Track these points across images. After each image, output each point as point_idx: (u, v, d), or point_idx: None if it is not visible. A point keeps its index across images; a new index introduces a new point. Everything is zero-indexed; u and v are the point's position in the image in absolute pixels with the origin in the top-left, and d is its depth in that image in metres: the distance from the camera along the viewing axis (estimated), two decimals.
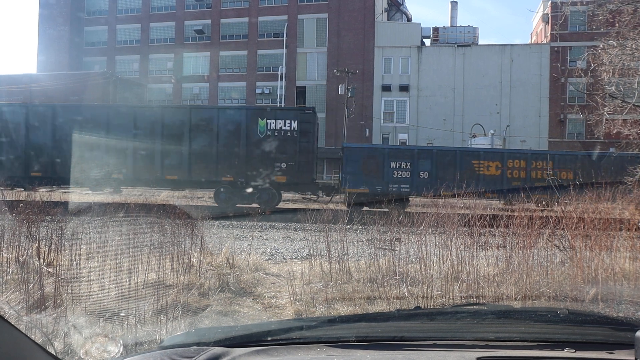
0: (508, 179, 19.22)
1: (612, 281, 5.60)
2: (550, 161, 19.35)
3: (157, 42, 47.77)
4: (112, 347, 1.83)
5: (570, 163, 19.37)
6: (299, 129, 19.20)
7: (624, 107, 13.39)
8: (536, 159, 19.51)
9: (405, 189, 19.23)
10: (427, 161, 19.46)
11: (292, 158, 19.16)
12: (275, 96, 43.91)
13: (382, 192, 19.08)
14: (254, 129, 19.31)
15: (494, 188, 18.92)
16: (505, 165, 19.33)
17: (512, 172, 19.29)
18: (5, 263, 6.07)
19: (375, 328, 1.89)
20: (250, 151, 19.26)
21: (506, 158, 19.59)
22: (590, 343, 1.71)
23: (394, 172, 19.41)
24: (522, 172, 19.25)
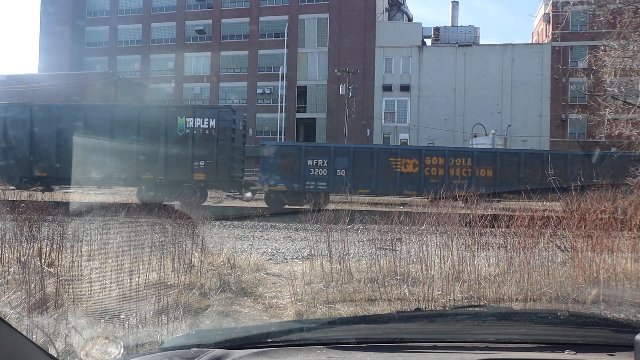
0: (426, 177, 19.17)
1: (614, 282, 5.59)
2: (469, 158, 19.28)
3: (158, 42, 47.81)
4: (113, 349, 1.83)
5: (490, 160, 19.31)
6: (217, 127, 19.43)
7: (626, 108, 13.37)
8: (454, 157, 19.42)
9: (322, 187, 19.31)
10: (344, 159, 19.50)
11: (211, 156, 19.37)
12: (276, 96, 43.92)
13: (299, 190, 19.23)
14: (173, 127, 19.57)
15: (411, 185, 18.97)
16: (423, 162, 19.28)
17: (429, 170, 19.27)
18: (7, 263, 6.08)
19: (375, 330, 1.89)
20: (169, 149, 19.49)
21: (424, 155, 19.49)
22: (590, 345, 1.71)
23: (310, 169, 19.44)
24: (440, 169, 19.21)
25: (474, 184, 18.52)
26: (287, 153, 19.90)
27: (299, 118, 44.03)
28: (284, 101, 43.36)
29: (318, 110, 43.65)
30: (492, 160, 19.29)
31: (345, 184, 18.56)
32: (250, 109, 44.83)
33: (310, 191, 19.05)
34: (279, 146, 21.25)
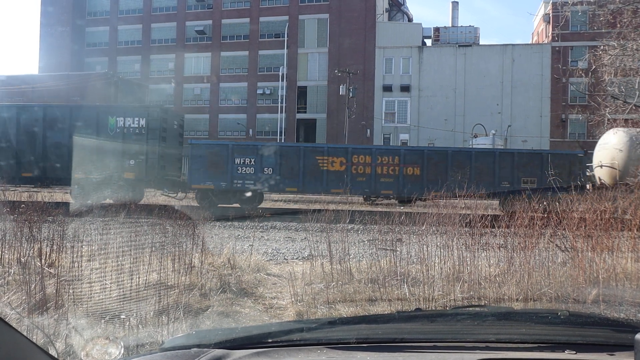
0: (353, 175, 19.19)
1: (614, 282, 5.59)
2: (397, 157, 19.30)
3: (159, 43, 47.83)
4: (113, 349, 1.83)
5: (417, 159, 19.36)
6: (147, 127, 19.60)
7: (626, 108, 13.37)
8: (382, 155, 19.44)
9: (250, 185, 19.35)
10: (271, 157, 19.57)
11: (141, 155, 19.51)
12: (276, 97, 43.93)
13: (227, 188, 19.26)
14: (104, 126, 19.79)
15: (338, 184, 18.98)
16: (350, 161, 19.29)
17: (356, 168, 19.26)
18: (7, 264, 6.09)
19: (375, 330, 1.89)
20: (101, 148, 19.65)
21: (351, 154, 19.51)
22: (590, 345, 1.71)
23: (238, 168, 19.46)
24: (368, 168, 19.21)
25: (401, 183, 18.89)
26: (215, 152, 19.98)
27: (299, 118, 44.04)
28: (284, 102, 43.36)
29: (318, 110, 43.66)
30: (419, 158, 19.34)
31: (273, 183, 18.76)
32: (251, 110, 44.85)
33: (238, 190, 19.21)
34: (207, 145, 21.27)
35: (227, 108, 45.55)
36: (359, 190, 19.37)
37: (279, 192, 20.26)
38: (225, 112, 45.63)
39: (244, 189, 19.26)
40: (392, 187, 19.12)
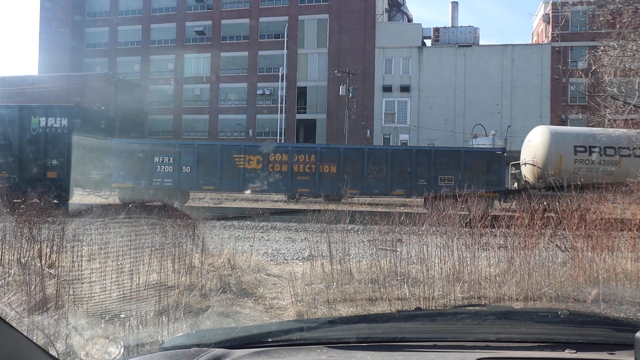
0: (269, 173, 19.37)
1: (614, 282, 5.60)
2: (313, 155, 19.48)
3: (158, 44, 47.83)
4: (113, 349, 1.84)
5: (334, 157, 19.49)
6: (69, 126, 19.81)
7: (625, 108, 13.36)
8: (298, 153, 19.64)
9: (169, 183, 19.56)
10: (190, 156, 19.77)
11: (63, 154, 19.70)
12: (276, 97, 43.93)
13: (146, 187, 19.44)
14: (27, 126, 19.98)
15: (255, 181, 19.22)
16: (267, 159, 19.48)
17: (273, 166, 19.45)
18: (7, 264, 6.09)
19: (375, 329, 1.89)
20: (23, 148, 19.92)
21: (269, 152, 19.72)
22: (590, 344, 1.71)
23: (157, 167, 19.70)
24: (284, 165, 19.42)
25: (317, 181, 19.07)
26: (135, 150, 20.28)
27: (299, 119, 44.05)
28: (284, 102, 43.36)
29: (318, 111, 43.66)
30: (336, 157, 19.48)
31: (191, 181, 18.88)
32: (251, 110, 44.85)
33: (157, 188, 19.41)
34: (127, 144, 21.45)
35: (226, 108, 45.56)
36: (276, 188, 19.68)
37: (197, 190, 20.52)
38: (225, 112, 45.64)
39: (163, 187, 19.49)
40: (308, 185, 19.37)
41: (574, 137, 19.03)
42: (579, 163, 18.42)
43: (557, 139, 18.78)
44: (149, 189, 19.34)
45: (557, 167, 18.40)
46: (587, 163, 18.42)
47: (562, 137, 18.94)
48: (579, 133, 20.00)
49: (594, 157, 18.35)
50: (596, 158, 18.35)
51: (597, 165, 18.37)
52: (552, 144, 18.68)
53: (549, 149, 18.63)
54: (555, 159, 18.50)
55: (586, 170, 18.34)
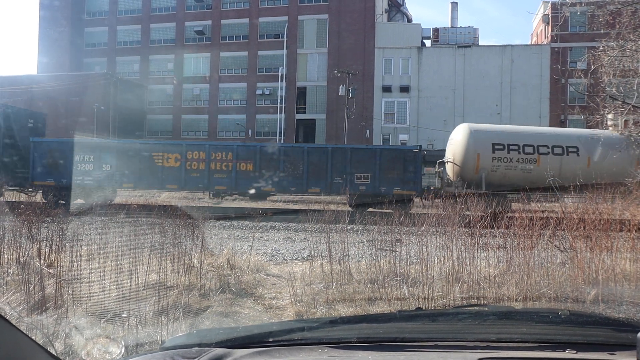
0: (187, 171, 19.57)
1: (613, 282, 5.60)
2: (230, 153, 19.66)
3: (158, 43, 47.80)
4: (113, 348, 1.83)
5: (250, 155, 19.68)
6: (3, 126, 20.19)
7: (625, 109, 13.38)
8: (215, 151, 19.82)
9: (89, 181, 19.75)
10: (109, 154, 20.01)
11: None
12: (275, 97, 43.92)
13: (67, 185, 19.52)
14: None
15: (173, 179, 19.45)
16: (184, 157, 19.66)
17: (191, 164, 19.63)
18: (6, 264, 6.08)
19: (376, 329, 1.89)
20: None
21: (185, 150, 19.91)
22: (591, 344, 1.71)
23: (78, 165, 19.85)
24: (202, 163, 19.59)
25: (234, 178, 19.28)
26: (56, 149, 20.33)
27: (299, 119, 44.04)
28: (283, 102, 43.35)
29: (318, 111, 43.66)
30: (252, 155, 19.68)
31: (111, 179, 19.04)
32: (250, 110, 44.84)
33: (77, 186, 19.52)
34: (48, 142, 21.46)
35: (226, 108, 45.55)
36: (194, 185, 19.91)
37: (117, 187, 20.70)
38: (224, 112, 45.62)
39: (84, 185, 19.64)
40: (225, 183, 19.59)
41: (493, 135, 18.97)
42: (496, 161, 18.32)
43: (476, 137, 18.67)
44: (70, 187, 19.47)
45: (474, 165, 18.36)
46: (506, 161, 18.32)
47: (480, 134, 18.83)
48: (498, 131, 19.99)
49: (512, 155, 18.30)
50: (514, 156, 18.31)
51: (515, 164, 18.30)
52: (470, 141, 18.58)
53: (467, 147, 18.56)
54: (472, 156, 18.43)
55: (504, 168, 18.32)
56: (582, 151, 18.48)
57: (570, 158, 18.42)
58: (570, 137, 19.13)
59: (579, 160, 18.35)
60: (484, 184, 18.20)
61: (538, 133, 19.90)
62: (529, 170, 18.32)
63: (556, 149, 18.49)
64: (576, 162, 18.27)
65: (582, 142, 18.67)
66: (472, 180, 18.60)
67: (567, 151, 18.46)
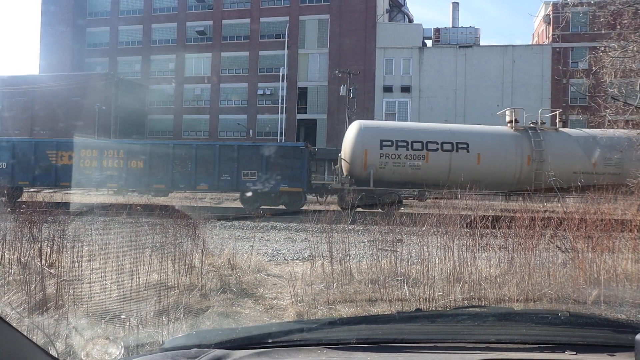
0: (80, 168, 19.72)
1: (614, 283, 5.59)
2: (122, 150, 19.89)
3: (159, 44, 47.85)
4: (114, 349, 1.83)
5: (141, 153, 19.84)
6: None
7: (626, 109, 13.37)
8: (108, 149, 20.08)
9: None
10: (5, 152, 20.19)
11: None
12: (276, 97, 43.95)
13: None
14: None
15: (67, 177, 19.54)
16: (79, 155, 19.87)
17: (84, 162, 19.83)
18: (7, 264, 6.09)
19: (376, 330, 1.89)
20: None
21: (79, 148, 20.10)
22: (591, 345, 1.71)
23: None
24: (94, 161, 19.82)
25: (124, 176, 19.53)
26: None
27: (300, 119, 44.05)
28: (284, 102, 43.37)
29: (319, 111, 43.67)
30: (143, 152, 19.87)
31: (5, 177, 19.34)
32: (251, 110, 44.86)
33: None
34: None
35: (227, 108, 45.58)
36: (87, 183, 20.06)
37: (13, 185, 20.91)
38: (225, 112, 45.65)
39: None
40: (117, 180, 19.79)
41: (381, 132, 18.86)
42: (384, 157, 18.19)
43: (364, 133, 18.59)
44: None
45: (362, 162, 18.28)
46: (394, 157, 18.18)
47: (369, 131, 18.74)
48: (387, 127, 19.93)
49: (401, 152, 18.18)
50: (402, 152, 18.19)
51: (404, 160, 18.16)
52: (359, 138, 18.51)
53: (355, 144, 18.48)
54: (360, 153, 18.33)
55: (393, 165, 18.20)
56: (473, 148, 18.33)
57: (460, 154, 18.28)
58: (461, 133, 19.00)
59: (469, 157, 18.24)
60: (372, 180, 18.13)
61: (427, 129, 19.74)
62: (417, 167, 18.21)
63: (446, 145, 18.34)
64: (466, 159, 18.20)
65: (472, 138, 18.60)
66: (361, 177, 18.53)
67: (456, 147, 18.32)
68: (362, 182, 18.45)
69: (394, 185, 18.41)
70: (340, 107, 39.58)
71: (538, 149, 18.30)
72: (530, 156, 18.26)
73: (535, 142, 18.41)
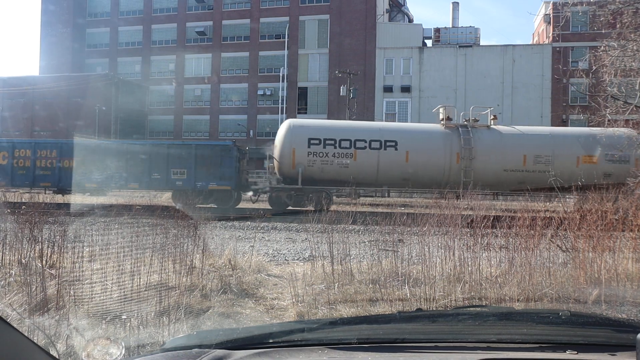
0: (14, 168, 20.09)
1: (615, 282, 5.59)
2: (54, 150, 20.11)
3: (159, 44, 47.87)
4: (114, 350, 1.83)
5: (73, 152, 20.03)
6: None
7: (626, 109, 13.36)
8: (42, 149, 20.29)
9: None
10: None
11: None
12: (277, 97, 43.96)
13: None
14: None
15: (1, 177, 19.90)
16: (12, 155, 20.16)
17: (18, 162, 20.15)
18: (8, 265, 6.09)
19: (376, 330, 1.89)
20: None
21: (13, 148, 20.36)
22: (592, 345, 1.71)
23: None
24: (28, 161, 20.10)
25: (57, 175, 19.86)
26: None
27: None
28: (284, 102, 43.38)
29: (319, 111, 43.67)
30: (76, 152, 20.10)
31: None
32: (251, 110, 44.87)
33: None
34: None
35: (227, 109, 45.59)
36: (21, 182, 20.36)
37: None
38: (225, 113, 45.67)
39: None
40: (50, 180, 20.03)
41: (310, 130, 18.91)
42: (312, 156, 18.22)
43: (293, 132, 18.68)
44: None
45: (291, 160, 18.36)
46: (322, 156, 18.20)
47: (298, 129, 18.81)
48: (316, 126, 19.95)
49: (328, 150, 18.20)
50: (330, 151, 18.21)
51: (332, 158, 18.18)
52: (288, 136, 18.60)
53: (284, 142, 18.58)
54: (289, 151, 18.42)
55: (321, 163, 18.23)
56: (401, 146, 18.31)
57: (388, 152, 18.28)
58: (390, 132, 19.02)
59: (397, 155, 18.23)
60: (301, 179, 18.20)
61: (356, 127, 19.81)
62: (345, 165, 18.20)
63: (374, 143, 18.35)
64: (394, 157, 18.19)
65: (401, 136, 18.61)
66: (290, 176, 18.63)
67: (384, 146, 18.32)
68: (292, 181, 18.58)
69: (323, 184, 18.47)
70: (341, 107, 39.58)
71: (467, 147, 18.24)
72: (459, 154, 18.21)
73: (465, 140, 18.36)
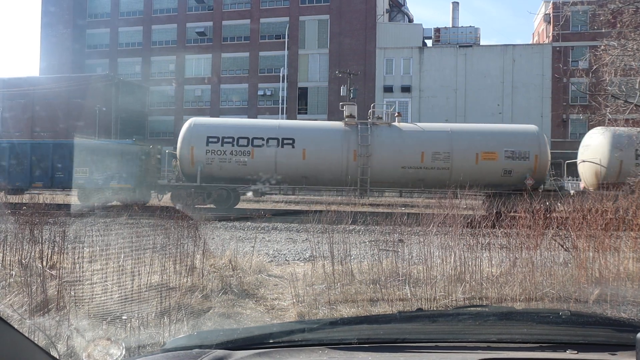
0: None
1: (616, 282, 5.58)
2: None
3: (159, 45, 47.88)
4: (115, 350, 1.83)
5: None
6: None
7: (627, 108, 13.35)
8: None
9: None
10: None
11: None
12: (277, 98, 43.96)
13: None
14: None
15: None
16: None
17: None
18: (8, 266, 6.09)
19: (377, 330, 1.88)
20: None
21: None
22: (592, 344, 1.71)
23: None
24: None
25: None
26: None
27: (301, 119, 44.07)
28: (285, 103, 43.39)
29: (319, 111, 43.68)
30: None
31: None
32: (252, 111, 44.87)
33: None
34: None
35: (228, 109, 45.59)
36: None
37: None
38: (226, 113, 45.62)
39: None
40: None
41: (208, 128, 19.21)
42: (211, 154, 18.47)
43: (192, 130, 18.95)
44: None
45: (190, 158, 18.61)
46: (220, 154, 18.45)
47: (197, 128, 19.09)
48: (215, 124, 20.30)
49: (226, 148, 18.46)
50: (228, 149, 18.46)
51: (229, 156, 18.43)
52: (187, 134, 18.87)
53: (184, 140, 18.84)
54: (188, 149, 18.68)
55: (219, 161, 18.46)
56: (298, 143, 18.45)
57: (286, 150, 18.45)
58: (288, 129, 19.24)
59: (294, 153, 18.38)
60: (199, 176, 18.37)
61: (255, 125, 20.20)
62: (243, 163, 18.42)
63: (271, 141, 18.55)
64: (292, 155, 18.35)
65: (298, 133, 18.79)
66: (190, 174, 18.83)
67: (282, 143, 18.50)
68: (192, 179, 18.76)
69: (223, 181, 18.63)
70: None
71: (364, 144, 18.31)
72: (356, 151, 18.27)
73: (362, 137, 18.42)
